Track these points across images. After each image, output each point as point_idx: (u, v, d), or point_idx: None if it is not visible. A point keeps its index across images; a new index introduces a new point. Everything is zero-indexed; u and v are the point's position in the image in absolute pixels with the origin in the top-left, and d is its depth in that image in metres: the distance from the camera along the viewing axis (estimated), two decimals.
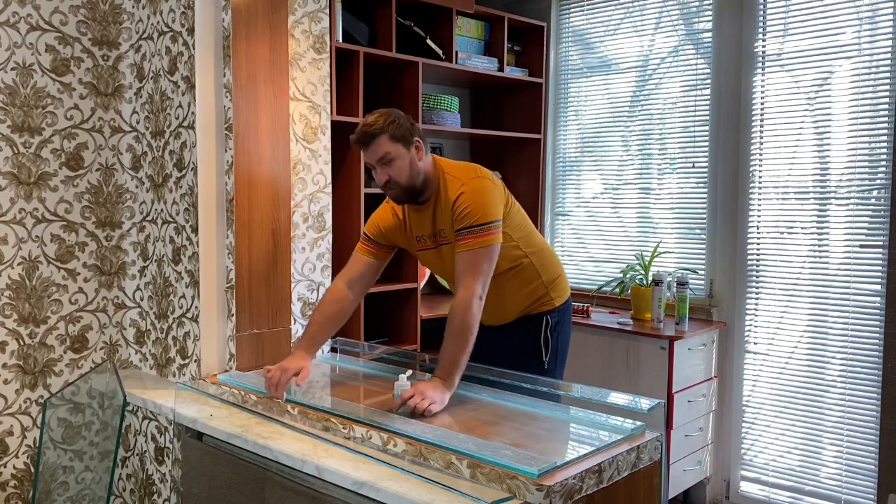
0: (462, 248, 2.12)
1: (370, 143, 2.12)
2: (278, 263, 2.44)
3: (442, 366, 2.03)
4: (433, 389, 1.96)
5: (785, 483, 3.37)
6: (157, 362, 2.56)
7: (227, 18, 2.31)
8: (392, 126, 2.11)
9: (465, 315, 2.04)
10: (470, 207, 2.12)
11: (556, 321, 2.38)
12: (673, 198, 3.68)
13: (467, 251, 2.10)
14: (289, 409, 2.00)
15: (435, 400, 1.94)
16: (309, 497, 1.75)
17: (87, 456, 2.44)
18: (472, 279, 2.08)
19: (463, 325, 2.03)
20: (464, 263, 2.10)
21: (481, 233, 2.11)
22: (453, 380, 2.02)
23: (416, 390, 1.95)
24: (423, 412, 1.90)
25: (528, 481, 1.51)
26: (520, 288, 2.34)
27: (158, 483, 2.43)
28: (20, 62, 2.35)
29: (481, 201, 2.13)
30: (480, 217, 2.11)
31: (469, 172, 2.21)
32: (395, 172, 2.14)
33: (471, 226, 2.11)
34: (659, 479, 1.81)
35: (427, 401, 1.92)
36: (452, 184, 2.18)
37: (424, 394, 1.93)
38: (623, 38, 3.81)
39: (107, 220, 2.57)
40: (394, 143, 2.12)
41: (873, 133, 3.07)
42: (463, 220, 2.12)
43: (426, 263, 2.41)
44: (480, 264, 2.10)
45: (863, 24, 3.08)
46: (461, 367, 2.03)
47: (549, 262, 2.39)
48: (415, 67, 3.26)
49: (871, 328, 3.09)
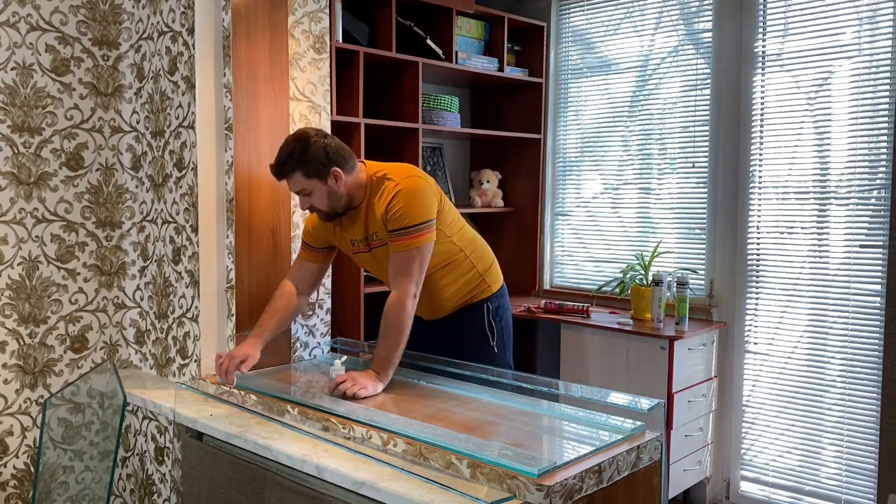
0: (395, 248, 2.18)
1: (283, 178, 2.18)
2: (278, 263, 2.44)
3: (376, 361, 2.17)
4: (365, 378, 2.11)
5: (785, 483, 3.37)
6: (157, 362, 2.56)
7: (227, 18, 2.31)
8: (303, 164, 2.13)
9: (400, 314, 2.15)
10: (403, 209, 2.16)
11: (497, 306, 2.48)
12: (673, 198, 3.68)
13: (400, 252, 2.17)
14: (289, 409, 2.01)
15: (365, 386, 2.08)
16: (309, 497, 1.75)
17: (87, 456, 2.44)
18: (406, 279, 2.16)
19: (397, 323, 2.15)
20: (397, 264, 2.18)
21: (415, 233, 2.16)
22: (387, 374, 2.16)
23: (349, 377, 2.10)
24: (353, 396, 2.05)
25: (528, 481, 1.51)
26: (456, 279, 2.40)
27: (158, 483, 2.43)
28: (20, 62, 2.35)
29: (414, 202, 2.17)
30: (413, 218, 2.16)
31: (402, 172, 2.25)
32: (315, 201, 2.20)
33: (404, 227, 2.16)
34: (659, 479, 1.81)
35: (357, 386, 2.07)
36: (385, 186, 2.21)
37: (356, 380, 2.09)
38: (623, 38, 3.81)
39: (107, 220, 2.57)
40: (308, 179, 2.16)
41: (873, 133, 3.07)
42: (396, 221, 2.17)
43: (362, 265, 2.47)
44: (413, 264, 2.17)
45: (863, 24, 3.08)
46: (395, 363, 2.17)
47: (481, 253, 2.47)
48: (415, 67, 3.26)
49: (871, 328, 3.09)
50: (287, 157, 2.14)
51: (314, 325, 2.58)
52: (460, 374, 2.27)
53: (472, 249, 2.43)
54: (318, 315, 2.60)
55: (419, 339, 2.41)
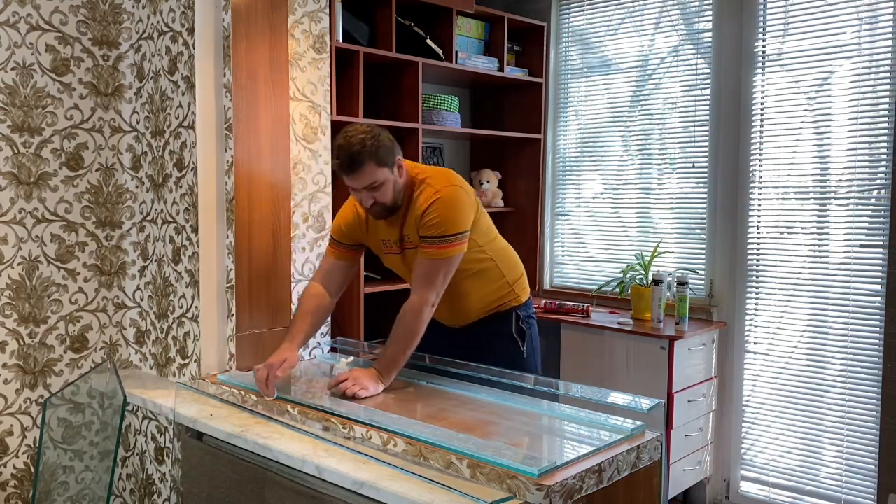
0: (424, 254, 2.15)
1: (356, 170, 2.08)
2: (278, 263, 2.44)
3: (382, 361, 2.14)
4: (367, 378, 2.09)
5: (785, 483, 3.37)
6: (157, 362, 2.56)
7: (227, 18, 2.31)
8: (376, 152, 2.08)
9: (416, 320, 2.12)
10: (438, 218, 2.13)
11: (526, 314, 2.46)
12: (673, 198, 3.68)
13: (428, 259, 2.14)
14: (289, 409, 2.01)
15: (367, 387, 2.07)
16: (309, 497, 1.75)
17: (87, 456, 2.44)
18: (428, 288, 2.14)
19: (411, 329, 2.12)
20: (423, 270, 2.15)
21: (445, 244, 2.13)
22: (389, 376, 2.14)
23: (351, 375, 2.09)
24: (353, 396, 2.04)
25: (528, 481, 1.51)
26: (483, 287, 2.37)
27: (158, 483, 2.43)
28: (20, 62, 2.35)
29: (451, 213, 2.14)
30: (447, 229, 2.13)
31: (443, 180, 2.20)
32: (380, 196, 2.14)
33: (436, 236, 2.13)
34: (659, 479, 1.81)
35: (358, 386, 2.06)
36: (425, 191, 2.17)
37: (358, 379, 2.07)
38: (623, 38, 3.81)
39: (107, 220, 2.57)
40: (380, 169, 2.10)
41: (873, 133, 3.07)
42: (429, 228, 2.13)
43: (391, 266, 2.42)
44: (438, 274, 2.14)
45: (863, 24, 3.08)
46: (400, 367, 2.15)
47: (512, 263, 2.44)
48: (415, 67, 3.26)
49: (871, 328, 3.09)
50: (361, 147, 2.06)
51: None
52: (460, 374, 2.27)
53: (502, 259, 2.39)
54: None
55: (438, 344, 2.38)
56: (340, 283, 2.35)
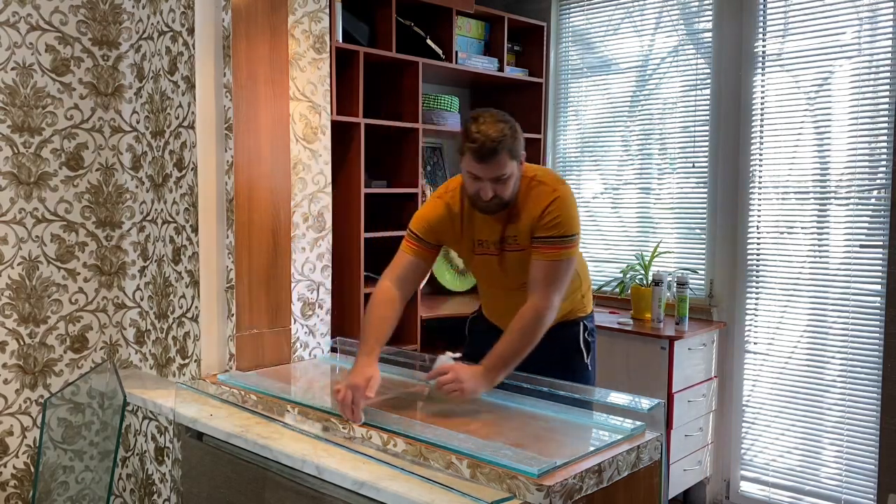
0: (543, 256, 2.04)
1: (491, 160, 1.94)
2: (278, 263, 2.44)
3: (491, 359, 1.98)
4: (471, 378, 1.93)
5: (785, 483, 3.37)
6: (157, 362, 2.56)
7: (227, 18, 2.31)
8: (513, 143, 1.96)
9: (536, 324, 2.00)
10: (561, 217, 2.03)
11: (591, 327, 2.38)
12: (673, 198, 3.68)
13: (549, 261, 2.03)
14: (289, 409, 2.01)
15: (466, 391, 1.92)
16: (309, 497, 1.75)
17: (87, 456, 2.44)
18: (551, 290, 2.02)
19: (531, 333, 1.99)
20: (543, 274, 2.03)
21: (566, 244, 2.04)
22: (496, 377, 1.98)
23: (455, 372, 1.93)
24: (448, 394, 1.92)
25: (528, 481, 1.51)
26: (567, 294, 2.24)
27: (158, 483, 2.43)
28: (20, 62, 2.35)
29: (570, 212, 2.06)
30: (567, 228, 2.04)
31: (555, 178, 2.11)
32: (502, 189, 2.00)
33: (558, 236, 2.03)
34: (659, 479, 1.81)
35: (456, 387, 1.91)
36: (541, 189, 2.07)
37: (460, 380, 1.91)
38: (623, 38, 3.81)
39: (107, 220, 2.57)
40: (511, 162, 1.98)
41: (873, 133, 3.07)
42: (550, 228, 2.03)
43: (476, 268, 2.27)
44: (560, 276, 2.04)
45: (863, 24, 3.08)
46: (509, 370, 2.00)
47: (587, 272, 2.39)
48: (415, 67, 3.26)
49: (871, 328, 3.09)
50: (501, 137, 1.94)
51: (314, 325, 2.59)
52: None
53: (582, 266, 2.32)
54: (318, 315, 2.60)
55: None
56: (413, 285, 2.19)
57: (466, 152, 1.98)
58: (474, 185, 2.02)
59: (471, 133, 1.96)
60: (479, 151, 1.94)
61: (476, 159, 1.96)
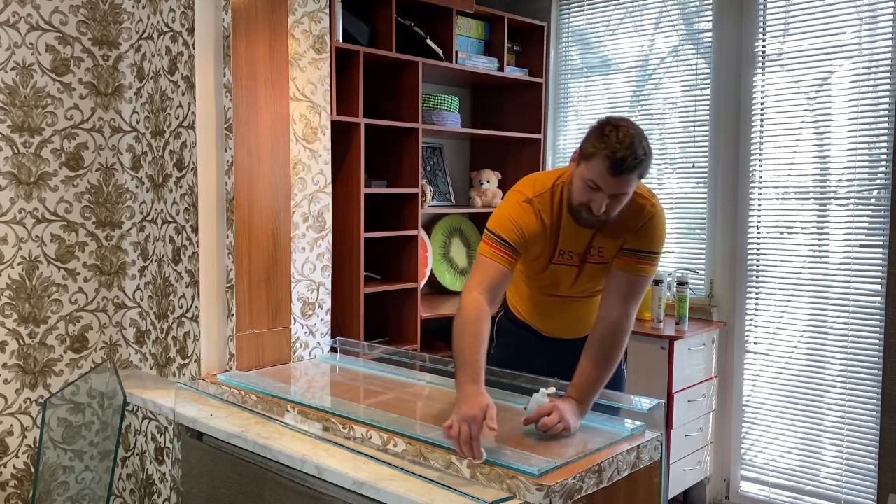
0: (632, 270, 1.95)
1: (624, 175, 1.79)
2: (278, 263, 2.44)
3: (583, 389, 1.87)
4: (573, 415, 1.80)
5: (785, 483, 3.37)
6: (157, 362, 2.56)
7: (227, 18, 2.31)
8: (650, 162, 1.83)
9: (621, 340, 1.93)
10: (658, 234, 1.97)
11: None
12: (673, 198, 3.68)
13: (636, 275, 1.95)
14: (289, 409, 2.01)
15: (571, 429, 1.78)
16: (309, 497, 1.75)
17: (87, 456, 2.44)
18: (633, 305, 1.95)
19: (615, 350, 1.92)
20: (630, 287, 1.95)
21: (654, 260, 1.97)
22: (588, 405, 1.87)
23: (558, 412, 1.78)
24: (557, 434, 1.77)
25: (528, 481, 1.51)
26: None
27: (158, 483, 2.43)
28: (20, 62, 2.35)
29: (664, 229, 2.00)
30: (660, 245, 1.98)
31: (650, 192, 2.02)
32: (616, 205, 1.86)
33: (649, 251, 1.95)
34: (659, 479, 1.81)
35: (563, 425, 1.77)
36: (637, 202, 1.95)
37: (564, 418, 1.77)
38: (623, 38, 3.81)
39: (107, 220, 2.57)
40: (636, 182, 1.86)
41: (873, 133, 3.07)
42: (645, 243, 1.95)
43: (547, 276, 2.12)
44: (643, 291, 1.98)
45: (863, 24, 3.08)
46: (599, 393, 1.90)
47: None
48: (415, 67, 3.26)
49: (871, 328, 3.09)
50: (643, 156, 1.79)
51: (314, 325, 2.59)
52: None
53: None
54: (318, 315, 2.60)
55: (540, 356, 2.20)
56: (500, 299, 2.02)
57: (597, 159, 1.80)
58: (588, 194, 1.85)
59: (610, 141, 1.78)
60: (618, 165, 1.77)
61: (609, 171, 1.78)
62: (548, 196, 2.00)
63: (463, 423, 1.61)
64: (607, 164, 1.78)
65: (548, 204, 2.00)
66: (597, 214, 1.85)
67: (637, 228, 1.95)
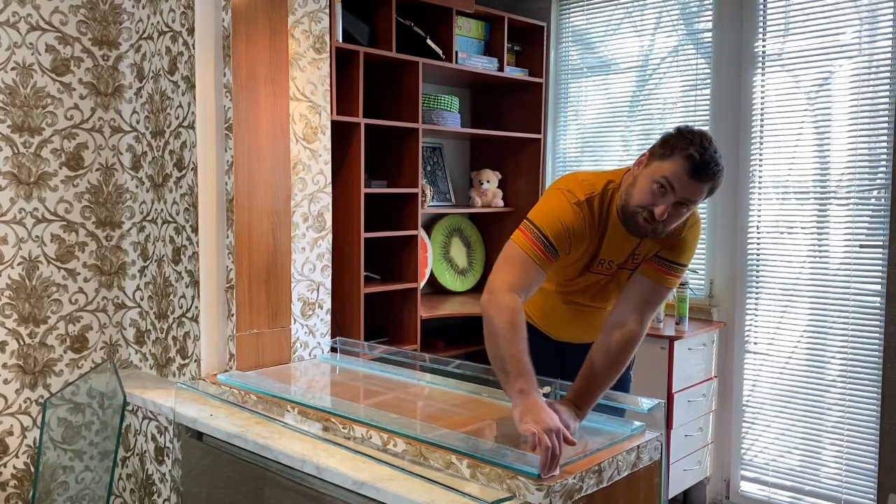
0: (659, 280, 1.90)
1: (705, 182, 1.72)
2: (278, 263, 2.44)
3: (585, 397, 1.84)
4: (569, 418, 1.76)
5: (785, 483, 3.37)
6: (157, 362, 2.56)
7: (227, 18, 2.31)
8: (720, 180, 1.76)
9: (631, 351, 1.88)
10: (693, 245, 1.92)
11: None
12: None
13: (662, 286, 1.90)
14: (289, 409, 2.01)
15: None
16: (309, 497, 1.75)
17: (87, 456, 2.44)
18: (650, 315, 1.90)
19: (624, 360, 1.87)
20: (653, 296, 1.90)
21: (680, 274, 1.93)
22: (587, 411, 1.85)
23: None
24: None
25: (528, 481, 1.51)
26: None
27: (158, 483, 2.43)
28: (20, 62, 2.35)
29: (697, 244, 1.96)
30: (690, 259, 1.94)
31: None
32: (675, 218, 1.78)
33: (679, 263, 1.90)
34: (659, 479, 1.81)
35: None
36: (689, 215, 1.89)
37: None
38: (623, 38, 3.81)
39: (107, 220, 2.57)
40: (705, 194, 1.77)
41: (873, 133, 3.07)
42: (679, 254, 1.90)
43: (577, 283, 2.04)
44: (661, 304, 1.95)
45: (863, 24, 3.08)
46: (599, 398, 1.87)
47: None
48: (415, 67, 3.26)
49: (871, 328, 3.09)
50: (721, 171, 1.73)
51: (314, 325, 2.59)
52: (460, 373, 2.27)
53: None
54: (318, 315, 2.60)
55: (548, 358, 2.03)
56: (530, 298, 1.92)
57: (678, 157, 1.72)
58: (654, 197, 1.75)
59: (695, 142, 1.72)
60: (699, 168, 1.70)
61: (689, 171, 1.70)
62: (597, 200, 1.89)
63: (552, 434, 1.54)
64: (688, 165, 1.70)
65: (596, 209, 1.89)
66: (658, 219, 1.74)
67: (679, 238, 1.89)
